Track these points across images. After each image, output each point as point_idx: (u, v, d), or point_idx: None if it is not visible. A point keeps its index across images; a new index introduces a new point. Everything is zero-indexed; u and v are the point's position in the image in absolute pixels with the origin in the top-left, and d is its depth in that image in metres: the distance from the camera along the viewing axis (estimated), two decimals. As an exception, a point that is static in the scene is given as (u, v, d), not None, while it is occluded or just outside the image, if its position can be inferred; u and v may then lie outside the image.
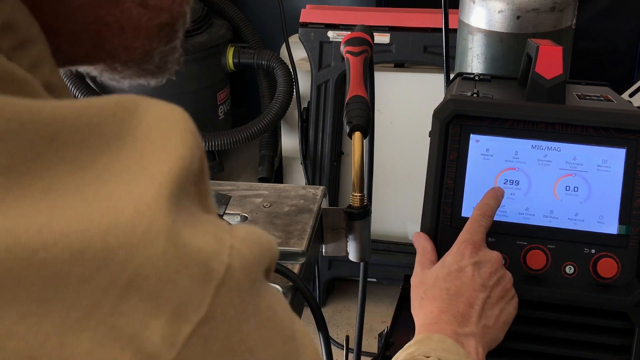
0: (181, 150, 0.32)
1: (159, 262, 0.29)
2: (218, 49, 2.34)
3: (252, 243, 0.34)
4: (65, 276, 0.27)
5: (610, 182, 0.89)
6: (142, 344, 0.28)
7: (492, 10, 1.13)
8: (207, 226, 0.32)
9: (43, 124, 0.29)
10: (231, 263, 0.32)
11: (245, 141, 2.29)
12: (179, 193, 0.31)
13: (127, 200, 0.29)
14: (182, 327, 0.29)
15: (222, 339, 0.31)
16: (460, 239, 0.86)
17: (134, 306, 0.28)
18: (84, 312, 0.27)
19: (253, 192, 1.00)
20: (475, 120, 0.92)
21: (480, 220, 0.86)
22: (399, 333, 1.45)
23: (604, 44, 2.48)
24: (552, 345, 0.90)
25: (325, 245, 0.96)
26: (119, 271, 0.28)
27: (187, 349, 0.29)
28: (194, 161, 0.32)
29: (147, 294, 0.28)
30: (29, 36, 0.34)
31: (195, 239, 0.31)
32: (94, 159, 0.30)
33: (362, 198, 0.91)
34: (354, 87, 0.93)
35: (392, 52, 2.14)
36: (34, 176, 0.28)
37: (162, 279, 0.29)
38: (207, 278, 0.30)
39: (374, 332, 2.24)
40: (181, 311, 0.29)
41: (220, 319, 0.31)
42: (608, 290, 0.88)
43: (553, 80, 0.91)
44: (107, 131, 0.31)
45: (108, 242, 0.28)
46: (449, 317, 0.79)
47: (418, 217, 0.93)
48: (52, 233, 0.27)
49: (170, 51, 0.45)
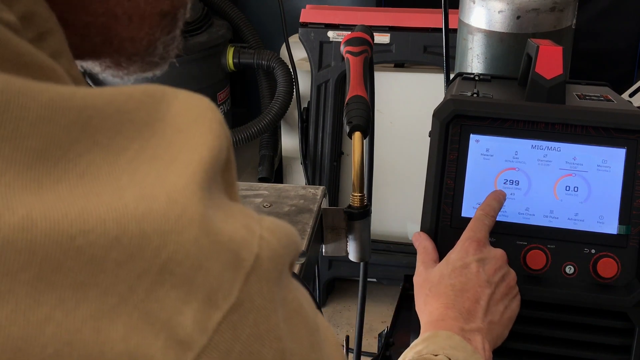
0: (210, 139, 0.32)
1: (191, 248, 0.29)
2: (218, 49, 2.34)
3: (280, 234, 0.34)
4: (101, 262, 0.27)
5: (610, 182, 0.89)
6: (175, 330, 0.29)
7: (492, 10, 1.13)
8: (237, 215, 0.33)
9: (76, 110, 0.30)
10: (260, 253, 0.32)
11: (245, 141, 2.29)
12: (209, 181, 0.31)
13: (160, 188, 0.29)
14: (213, 314, 0.30)
15: (251, 327, 0.31)
16: (464, 236, 0.86)
17: (167, 292, 0.29)
18: (120, 298, 0.28)
19: (253, 192, 1.00)
20: (475, 120, 0.92)
21: (484, 219, 0.86)
22: (399, 333, 1.45)
23: (604, 44, 2.48)
24: (552, 345, 0.90)
25: (325, 245, 0.96)
26: (153, 257, 0.28)
27: (218, 335, 0.30)
28: (222, 150, 0.33)
29: (179, 280, 0.29)
30: (49, 27, 0.35)
31: (226, 226, 0.31)
32: (126, 145, 0.30)
33: (362, 198, 0.91)
34: (354, 87, 0.93)
35: (392, 52, 2.14)
36: (69, 161, 0.29)
37: (195, 266, 0.29)
38: (237, 266, 0.31)
39: (374, 332, 2.24)
40: (212, 297, 0.30)
41: (249, 307, 0.31)
42: (608, 290, 0.88)
43: (553, 80, 0.91)
44: (137, 118, 0.31)
45: (143, 229, 0.28)
46: (455, 314, 0.79)
47: (418, 217, 0.93)
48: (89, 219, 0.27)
49: (172, 40, 0.46)
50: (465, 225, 0.90)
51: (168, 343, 0.28)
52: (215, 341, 0.30)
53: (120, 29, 0.41)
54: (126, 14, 0.40)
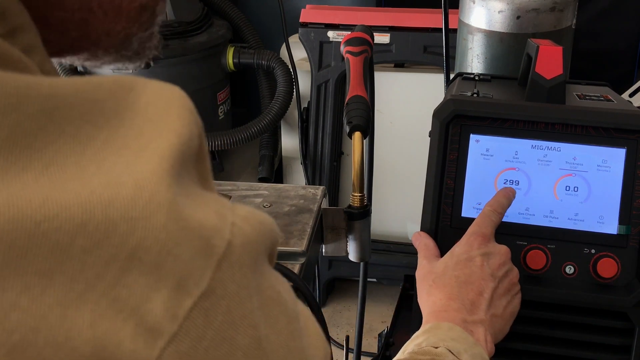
0: (179, 126, 0.32)
1: (160, 235, 0.29)
2: (218, 49, 2.34)
3: (254, 222, 0.34)
4: (67, 248, 0.27)
5: (610, 182, 0.89)
6: (144, 317, 0.29)
7: (492, 10, 1.13)
8: (209, 202, 0.33)
9: (42, 99, 0.29)
10: (232, 239, 0.32)
11: (245, 141, 2.29)
12: (179, 169, 0.31)
13: (127, 175, 0.29)
14: (183, 300, 0.30)
15: (224, 314, 0.31)
16: (470, 231, 0.86)
17: (136, 279, 0.29)
18: (87, 285, 0.28)
19: (253, 192, 1.00)
20: (475, 120, 0.92)
21: (491, 215, 0.87)
22: (399, 333, 1.45)
23: (604, 44, 2.48)
24: (552, 345, 0.90)
25: (325, 245, 0.96)
26: (120, 244, 0.28)
27: (189, 321, 0.30)
28: (193, 138, 0.33)
29: (148, 267, 0.29)
30: (20, 23, 0.35)
31: (196, 213, 0.31)
32: (94, 135, 0.30)
33: (362, 198, 0.91)
34: (354, 87, 0.93)
35: (392, 52, 2.14)
36: (35, 150, 0.29)
37: (163, 252, 0.29)
38: (208, 252, 0.31)
39: (374, 332, 2.23)
40: (182, 284, 0.30)
41: (222, 294, 0.31)
42: (608, 290, 0.88)
43: (553, 80, 0.91)
44: (106, 107, 0.31)
45: (109, 215, 0.28)
46: (458, 305, 0.79)
47: (418, 217, 0.93)
48: (54, 205, 0.27)
49: (149, 37, 0.46)
50: (465, 225, 0.90)
51: (137, 330, 0.28)
52: (186, 328, 0.29)
53: (97, 23, 0.41)
54: (102, 8, 0.40)
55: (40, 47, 0.36)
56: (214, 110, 2.39)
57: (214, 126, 2.38)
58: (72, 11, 0.39)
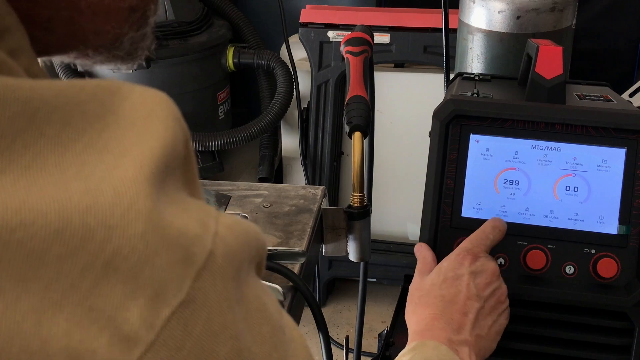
0: (162, 133, 0.32)
1: (137, 243, 0.29)
2: (218, 49, 2.34)
3: (238, 232, 0.34)
4: (43, 255, 0.27)
5: (610, 182, 0.89)
6: (120, 326, 0.28)
7: (492, 10, 1.13)
8: (191, 210, 0.32)
9: (21, 102, 0.29)
10: (214, 249, 0.32)
11: (245, 141, 2.29)
12: (162, 176, 0.31)
13: (107, 182, 0.29)
14: (161, 310, 0.29)
15: (204, 324, 0.31)
16: (462, 246, 0.86)
17: (112, 287, 0.28)
18: (62, 292, 0.27)
19: (253, 192, 1.00)
20: (475, 120, 0.92)
21: (489, 233, 0.86)
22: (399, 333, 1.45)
23: (604, 44, 2.48)
24: (552, 345, 0.90)
25: (325, 245, 0.96)
26: (97, 251, 0.28)
27: (167, 331, 0.29)
28: (177, 144, 0.32)
29: (125, 276, 0.29)
30: (6, 25, 0.34)
31: (177, 221, 0.31)
32: (75, 138, 0.30)
33: (362, 198, 0.91)
34: (354, 87, 0.93)
35: (392, 52, 2.14)
36: (13, 152, 0.29)
37: (141, 261, 0.29)
38: (187, 262, 0.30)
39: (374, 332, 2.24)
40: (160, 293, 0.29)
41: (201, 303, 0.31)
42: (608, 290, 0.88)
43: (553, 80, 0.91)
44: (89, 110, 0.31)
45: (86, 222, 0.28)
46: (442, 324, 0.79)
47: (418, 217, 0.93)
48: (30, 212, 0.27)
49: (141, 38, 0.45)
50: (465, 225, 0.90)
51: (113, 340, 0.28)
52: (163, 337, 0.29)
53: (85, 22, 0.41)
54: (90, 8, 0.40)
55: (27, 49, 0.36)
56: (214, 110, 2.39)
57: (214, 126, 2.38)
58: (58, 9, 0.39)
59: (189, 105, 2.25)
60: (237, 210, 0.95)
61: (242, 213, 0.95)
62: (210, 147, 2.24)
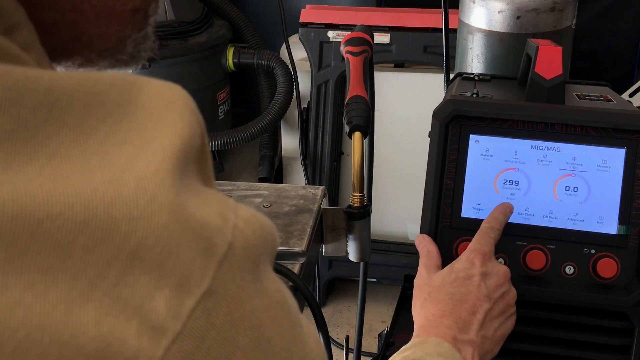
0: (181, 125, 0.32)
1: (161, 234, 0.29)
2: (218, 49, 2.34)
3: (255, 225, 0.34)
4: (69, 246, 0.28)
5: (609, 182, 0.89)
6: (148, 315, 0.29)
7: (492, 10, 1.13)
8: (212, 202, 0.33)
9: (42, 92, 0.30)
10: (233, 242, 0.32)
11: (245, 141, 2.29)
12: (182, 168, 0.31)
13: (129, 173, 0.30)
14: (186, 299, 0.30)
15: (225, 314, 0.31)
16: (470, 248, 0.86)
17: (138, 278, 0.29)
18: (89, 283, 0.28)
19: (253, 192, 1.00)
20: (475, 121, 0.92)
21: (489, 232, 0.86)
22: (399, 333, 1.45)
23: (604, 44, 2.48)
24: (552, 345, 0.90)
25: (325, 245, 0.96)
26: (122, 242, 0.29)
27: (192, 321, 0.30)
28: (195, 137, 0.33)
29: (150, 266, 0.29)
30: (16, 21, 0.35)
31: (199, 213, 0.31)
32: (96, 127, 0.31)
33: (362, 198, 0.91)
34: (354, 87, 0.93)
35: (392, 52, 2.14)
36: (38, 142, 0.29)
37: (165, 251, 0.29)
38: (209, 253, 0.31)
39: (374, 332, 2.24)
40: (184, 283, 0.30)
41: (222, 294, 0.31)
42: (608, 290, 0.88)
43: (553, 80, 0.91)
44: (108, 100, 0.31)
45: (111, 214, 0.28)
46: (450, 322, 0.79)
47: (418, 217, 0.93)
48: (57, 203, 0.28)
49: (143, 39, 0.46)
50: (465, 226, 0.90)
51: (141, 329, 0.28)
52: (189, 327, 0.30)
53: (89, 26, 0.41)
54: (93, 10, 0.40)
55: (37, 45, 0.36)
56: (214, 110, 2.39)
57: (214, 126, 2.38)
58: (62, 12, 0.39)
59: (189, 105, 2.25)
60: (237, 210, 0.95)
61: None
62: (211, 147, 2.25)
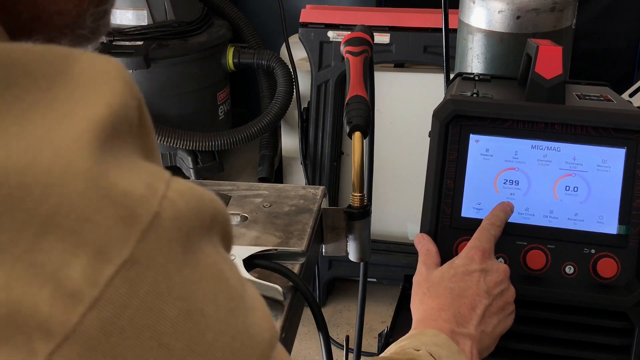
0: (109, 96, 0.32)
1: (77, 201, 0.29)
2: (218, 49, 2.34)
3: (191, 197, 0.34)
4: None
5: (609, 182, 0.89)
6: (63, 281, 0.29)
7: (492, 10, 1.13)
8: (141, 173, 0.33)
9: None
10: (161, 212, 0.32)
11: (245, 141, 2.29)
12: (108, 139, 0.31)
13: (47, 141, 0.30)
14: (104, 267, 0.30)
15: (150, 284, 0.31)
16: (470, 244, 0.86)
17: (53, 244, 0.29)
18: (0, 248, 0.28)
19: (253, 192, 1.00)
20: (475, 121, 0.92)
21: (489, 229, 0.86)
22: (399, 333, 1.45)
23: (604, 44, 2.48)
24: (552, 345, 0.90)
25: (325, 245, 0.96)
26: (34, 208, 0.28)
27: (111, 289, 0.30)
28: (127, 109, 0.33)
29: (65, 233, 0.29)
30: None
31: (122, 182, 0.31)
32: (20, 96, 0.31)
33: (362, 198, 0.91)
34: (354, 87, 0.93)
35: (392, 52, 2.14)
36: None
37: (81, 218, 0.29)
38: (131, 222, 0.31)
39: (374, 332, 2.24)
40: (102, 251, 0.30)
41: (147, 264, 0.31)
42: (608, 290, 0.88)
43: (553, 80, 0.91)
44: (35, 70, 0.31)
45: (24, 181, 0.28)
46: (448, 316, 0.79)
47: (418, 217, 0.93)
48: None
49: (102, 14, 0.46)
50: (465, 226, 0.90)
51: (56, 294, 0.29)
52: (108, 295, 0.30)
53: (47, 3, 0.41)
54: None
55: None
56: (214, 110, 2.39)
57: (214, 126, 2.38)
58: None
59: (189, 105, 2.25)
60: (237, 210, 0.95)
61: (242, 213, 0.95)
62: (210, 147, 2.24)
